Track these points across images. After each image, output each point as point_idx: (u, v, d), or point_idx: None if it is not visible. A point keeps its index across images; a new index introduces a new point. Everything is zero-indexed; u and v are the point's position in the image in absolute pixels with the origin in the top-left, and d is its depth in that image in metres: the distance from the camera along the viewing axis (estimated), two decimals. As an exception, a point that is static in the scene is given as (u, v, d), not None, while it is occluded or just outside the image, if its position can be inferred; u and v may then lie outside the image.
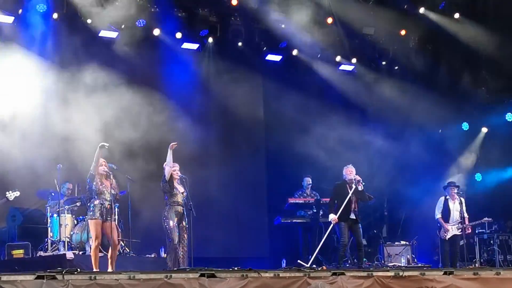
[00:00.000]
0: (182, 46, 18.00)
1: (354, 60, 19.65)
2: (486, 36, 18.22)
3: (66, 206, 14.93)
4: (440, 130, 20.28)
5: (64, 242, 14.20)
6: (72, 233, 14.61)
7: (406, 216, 19.95)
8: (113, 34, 17.07)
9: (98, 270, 11.69)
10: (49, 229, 14.59)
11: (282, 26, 18.37)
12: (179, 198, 12.85)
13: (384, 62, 19.93)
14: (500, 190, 19.11)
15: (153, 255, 15.16)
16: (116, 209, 13.90)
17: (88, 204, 12.60)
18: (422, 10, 18.82)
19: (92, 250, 12.21)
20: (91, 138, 15.93)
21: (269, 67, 19.23)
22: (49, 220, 14.65)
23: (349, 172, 14.68)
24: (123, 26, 16.99)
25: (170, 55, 18.06)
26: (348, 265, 16.13)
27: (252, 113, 19.14)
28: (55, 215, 14.64)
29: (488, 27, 18.24)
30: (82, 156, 15.08)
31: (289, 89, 19.05)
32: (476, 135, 20.11)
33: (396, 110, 19.65)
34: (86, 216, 12.78)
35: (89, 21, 16.49)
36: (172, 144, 12.86)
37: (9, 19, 16.02)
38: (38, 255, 14.22)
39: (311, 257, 14.63)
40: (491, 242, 18.00)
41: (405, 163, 19.59)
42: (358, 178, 14.50)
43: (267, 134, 19.56)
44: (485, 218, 16.81)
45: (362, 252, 14.60)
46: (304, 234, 17.25)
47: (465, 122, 20.17)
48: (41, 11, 16.13)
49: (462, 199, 16.19)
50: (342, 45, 19.19)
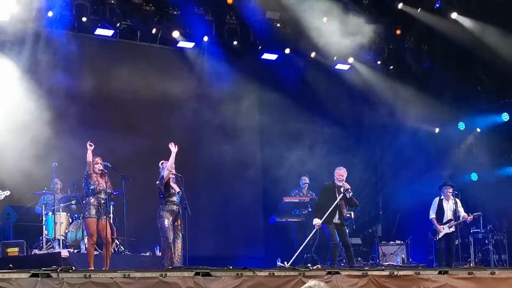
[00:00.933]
0: (177, 45, 17.98)
1: (350, 59, 19.63)
2: (481, 35, 18.22)
3: (61, 204, 14.91)
4: (437, 130, 20.28)
5: (59, 240, 14.19)
6: (67, 231, 14.59)
7: (401, 215, 19.96)
8: (108, 32, 17.04)
9: (93, 268, 11.68)
10: (44, 227, 14.57)
11: (278, 25, 18.38)
12: (174, 197, 12.83)
13: (379, 62, 19.92)
14: (496, 190, 19.11)
15: (148, 254, 15.15)
16: (111, 207, 13.89)
17: (83, 202, 12.62)
18: (418, 10, 18.83)
19: (88, 248, 12.22)
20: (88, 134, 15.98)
21: (264, 66, 19.22)
22: (44, 218, 14.63)
23: (339, 175, 14.46)
24: (119, 25, 16.98)
25: (165, 54, 18.06)
26: (343, 264, 16.14)
27: (247, 111, 19.13)
28: (50, 213, 14.62)
29: (483, 27, 18.26)
30: (75, 153, 15.12)
31: (284, 87, 19.04)
32: (472, 135, 20.11)
33: (391, 110, 19.67)
34: (82, 214, 12.80)
35: (84, 19, 16.46)
36: (173, 145, 12.79)
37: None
38: (33, 253, 14.20)
39: (292, 258, 14.57)
40: (486, 241, 18.03)
41: (400, 163, 19.61)
42: (347, 186, 14.34)
43: (263, 132, 19.55)
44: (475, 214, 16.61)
45: (351, 252, 14.50)
46: (299, 233, 17.24)
47: (461, 122, 20.17)
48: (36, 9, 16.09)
49: (457, 200, 16.14)
50: (338, 44, 19.18)
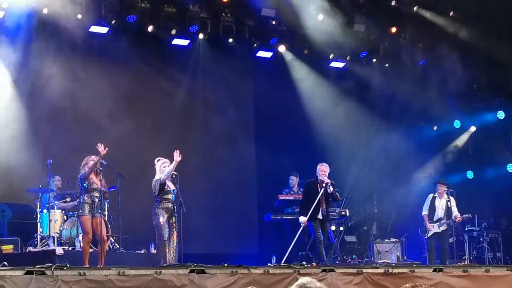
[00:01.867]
0: (172, 42, 17.97)
1: (345, 57, 19.63)
2: (478, 33, 18.24)
3: (56, 202, 14.90)
4: (435, 127, 20.28)
5: (53, 237, 14.18)
6: (61, 228, 14.58)
7: (396, 213, 19.99)
8: (103, 30, 17.01)
9: (88, 265, 11.67)
10: (38, 224, 14.55)
11: (273, 22, 18.38)
12: (170, 195, 12.83)
13: (374, 60, 19.92)
14: (491, 188, 19.15)
15: (143, 251, 15.16)
16: (106, 205, 13.89)
17: (77, 200, 12.63)
18: (413, 8, 18.83)
19: (83, 246, 12.22)
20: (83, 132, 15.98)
21: (260, 64, 19.21)
22: (38, 215, 14.61)
23: (322, 171, 14.62)
24: (114, 22, 16.95)
25: (160, 51, 18.05)
26: (337, 262, 16.17)
27: (242, 109, 19.14)
28: (45, 211, 14.60)
29: (480, 25, 18.27)
30: (72, 149, 15.11)
31: (279, 85, 19.04)
32: (467, 133, 20.15)
33: (387, 108, 19.68)
34: (76, 212, 12.81)
35: (79, 16, 16.43)
36: (178, 154, 12.74)
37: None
38: (27, 251, 14.18)
39: (285, 257, 14.58)
40: (481, 239, 18.06)
41: (396, 161, 19.62)
42: (327, 181, 14.47)
43: (257, 130, 19.56)
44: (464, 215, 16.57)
45: (322, 248, 14.51)
46: (293, 231, 17.25)
47: (456, 120, 20.20)
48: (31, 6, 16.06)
49: (451, 198, 16.13)
50: (333, 42, 19.19)
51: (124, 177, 14.39)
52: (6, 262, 10.86)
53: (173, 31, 17.63)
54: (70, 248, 14.09)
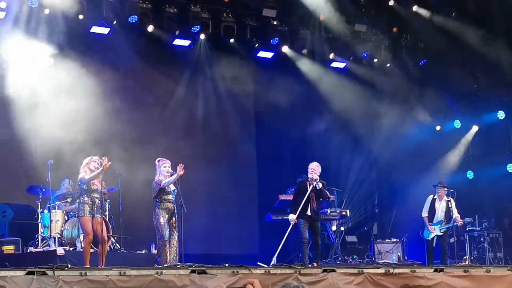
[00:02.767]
0: (174, 43, 17.97)
1: (347, 57, 19.64)
2: (478, 33, 18.23)
3: (57, 202, 14.90)
4: (438, 127, 20.23)
5: (54, 238, 14.18)
6: (62, 229, 14.59)
7: (397, 213, 19.99)
8: (104, 30, 17.03)
9: (89, 266, 11.68)
10: (39, 225, 14.56)
11: (274, 22, 18.38)
12: (170, 195, 12.84)
13: (375, 60, 19.92)
14: (491, 188, 19.14)
15: (143, 252, 15.17)
16: (107, 205, 13.89)
17: (77, 201, 12.63)
18: (414, 8, 18.84)
19: (84, 246, 12.23)
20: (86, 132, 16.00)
21: (260, 64, 19.21)
22: (39, 216, 14.62)
23: (311, 169, 14.54)
24: (115, 22, 16.96)
25: (161, 52, 18.05)
26: (338, 262, 16.17)
27: (243, 110, 19.14)
28: (46, 211, 14.61)
29: (480, 25, 18.27)
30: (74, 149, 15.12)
31: (280, 86, 19.04)
32: (468, 133, 20.13)
33: (387, 108, 19.68)
34: (76, 213, 12.81)
35: (80, 16, 16.44)
36: (182, 168, 12.72)
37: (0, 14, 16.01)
38: (28, 251, 14.19)
39: (274, 256, 14.54)
40: (482, 239, 18.05)
41: (396, 161, 19.62)
42: (316, 177, 14.36)
43: (258, 131, 19.57)
44: (466, 219, 16.62)
45: (318, 251, 14.45)
46: (294, 231, 17.24)
47: (457, 120, 20.19)
48: (33, 6, 16.09)
49: (452, 200, 16.11)
50: (334, 42, 19.20)
51: (122, 177, 14.41)
52: (7, 263, 10.90)
53: (174, 32, 17.64)
54: (71, 248, 14.09)
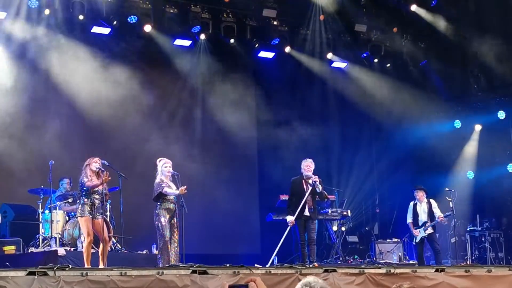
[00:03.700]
0: (174, 43, 17.98)
1: (347, 57, 19.64)
2: (478, 34, 18.24)
3: (58, 202, 14.89)
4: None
5: (55, 238, 14.17)
6: (63, 229, 14.57)
7: (398, 213, 19.98)
8: (105, 30, 17.04)
9: (90, 266, 11.67)
10: (40, 225, 14.55)
11: (275, 23, 18.38)
12: (171, 196, 12.82)
13: (376, 60, 19.92)
14: (491, 188, 19.14)
15: (144, 252, 15.16)
16: (108, 205, 13.87)
17: (77, 201, 12.61)
18: (414, 8, 18.84)
19: (84, 247, 12.21)
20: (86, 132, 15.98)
21: (261, 64, 19.22)
22: (40, 216, 14.61)
23: (306, 167, 14.11)
24: (115, 23, 16.96)
25: (162, 52, 18.05)
26: (339, 262, 16.16)
27: (244, 109, 19.14)
28: (47, 211, 14.60)
29: (480, 25, 18.27)
30: (76, 151, 15.11)
31: (281, 86, 19.05)
32: (468, 133, 20.12)
33: (388, 108, 19.68)
34: (77, 213, 12.80)
35: (81, 17, 16.45)
36: (184, 190, 12.71)
37: (1, 15, 16.01)
38: (29, 252, 14.17)
39: (273, 255, 14.48)
40: (483, 239, 18.05)
41: (397, 161, 19.62)
42: (316, 179, 13.95)
43: (259, 131, 19.56)
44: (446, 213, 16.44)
45: (314, 248, 14.08)
46: (295, 231, 17.23)
47: (457, 120, 20.19)
48: (33, 7, 16.09)
49: (432, 201, 16.10)
50: (334, 42, 19.20)
51: (125, 177, 14.39)
52: (8, 263, 10.90)
53: (174, 32, 17.64)
54: (72, 248, 14.08)
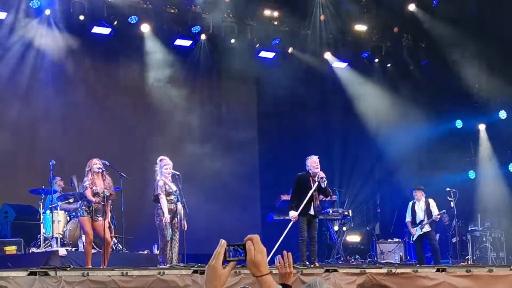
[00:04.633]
0: (175, 43, 17.98)
1: (348, 57, 19.64)
2: (479, 33, 18.24)
3: (59, 203, 14.89)
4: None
5: (56, 238, 14.16)
6: (65, 229, 14.56)
7: (399, 213, 19.97)
8: (106, 31, 17.05)
9: (90, 266, 11.68)
10: (41, 225, 14.54)
11: (275, 23, 18.39)
12: (172, 196, 12.81)
13: (376, 60, 19.92)
14: (493, 188, 19.13)
15: (145, 252, 15.15)
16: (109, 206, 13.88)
17: (79, 202, 12.62)
18: (414, 8, 18.84)
19: (85, 247, 12.22)
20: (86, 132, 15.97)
21: (262, 64, 19.22)
22: (41, 216, 14.60)
23: (314, 164, 13.85)
24: (116, 23, 16.97)
25: (163, 52, 18.06)
26: (340, 262, 16.15)
27: (245, 109, 19.14)
28: (48, 212, 14.59)
29: (481, 25, 18.27)
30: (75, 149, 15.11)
31: (282, 85, 19.04)
32: (469, 133, 20.13)
33: (389, 108, 19.68)
34: (77, 214, 12.81)
35: (81, 17, 16.46)
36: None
37: (2, 15, 16.02)
38: (30, 252, 14.16)
39: (271, 254, 14.39)
40: (484, 239, 18.03)
41: (398, 161, 19.61)
42: (322, 175, 13.69)
43: (260, 130, 19.56)
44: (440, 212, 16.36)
45: (315, 247, 13.83)
46: (296, 231, 17.22)
47: (458, 120, 20.19)
48: (34, 7, 16.12)
49: (430, 200, 16.10)
50: (335, 42, 19.20)
51: (126, 177, 14.39)
52: (9, 263, 10.90)
53: (175, 32, 17.65)
54: (73, 249, 14.07)
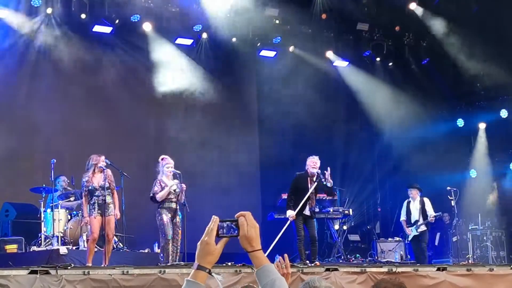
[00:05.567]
0: (176, 42, 17.98)
1: (349, 56, 19.64)
2: (480, 32, 18.23)
3: (60, 201, 14.89)
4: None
5: (57, 237, 14.17)
6: (65, 228, 14.56)
7: (399, 212, 19.95)
8: (107, 29, 17.05)
9: (91, 264, 11.69)
10: (42, 224, 14.55)
11: (276, 21, 18.38)
12: (173, 194, 12.82)
13: (378, 59, 19.92)
14: (494, 186, 19.13)
15: (146, 251, 15.15)
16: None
17: (81, 200, 12.64)
18: (416, 7, 18.84)
19: (88, 245, 12.22)
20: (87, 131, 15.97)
21: (263, 63, 19.22)
22: (42, 215, 14.61)
23: (313, 164, 13.79)
24: (117, 21, 16.97)
25: (164, 51, 18.05)
26: (341, 261, 16.16)
27: (246, 109, 19.14)
28: (49, 210, 14.60)
29: (482, 24, 18.27)
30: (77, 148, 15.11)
31: (283, 84, 19.05)
32: (470, 132, 20.12)
33: (390, 107, 19.68)
34: (83, 213, 12.78)
35: (83, 16, 16.47)
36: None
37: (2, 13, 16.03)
38: (31, 250, 14.17)
39: (267, 252, 14.35)
40: (484, 238, 18.03)
41: (398, 160, 19.62)
42: (328, 172, 13.58)
43: (261, 129, 19.56)
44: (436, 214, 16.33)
45: (316, 247, 13.81)
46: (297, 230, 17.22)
47: (460, 119, 20.19)
48: (36, 6, 16.12)
49: (425, 199, 16.00)
50: (336, 41, 19.20)
51: (128, 176, 14.40)
52: (10, 262, 10.91)
53: (177, 31, 17.65)
54: (74, 247, 14.07)
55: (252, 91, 19.42)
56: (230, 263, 10.49)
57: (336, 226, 17.63)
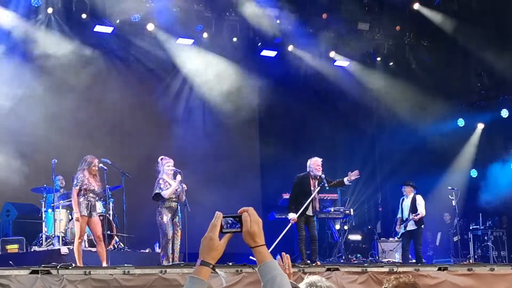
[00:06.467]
0: (177, 42, 17.97)
1: (350, 56, 19.64)
2: (481, 32, 18.23)
3: (61, 201, 14.89)
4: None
5: (58, 237, 14.17)
6: (66, 228, 14.56)
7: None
8: (108, 29, 17.05)
9: (82, 265, 11.60)
10: (43, 224, 14.55)
11: (277, 21, 18.37)
12: (173, 194, 12.81)
13: (379, 58, 19.92)
14: (494, 187, 19.12)
15: (147, 250, 15.16)
16: (111, 204, 13.87)
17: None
18: (417, 6, 18.84)
19: (75, 247, 12.11)
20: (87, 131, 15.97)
21: (264, 63, 19.21)
22: (43, 215, 14.62)
23: (317, 166, 13.76)
24: (118, 21, 16.97)
25: (165, 51, 18.05)
26: (342, 260, 16.15)
27: (246, 108, 19.14)
28: (50, 210, 14.60)
29: (483, 23, 18.27)
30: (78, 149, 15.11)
31: (284, 84, 19.04)
32: (471, 131, 20.12)
33: (391, 106, 19.67)
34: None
35: (83, 16, 16.47)
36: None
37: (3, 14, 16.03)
38: (32, 250, 14.18)
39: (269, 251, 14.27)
40: (485, 238, 18.04)
41: (399, 160, 19.61)
42: (357, 174, 13.80)
43: (262, 129, 19.56)
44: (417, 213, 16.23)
45: (316, 246, 13.80)
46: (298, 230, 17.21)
47: (460, 118, 20.19)
48: (36, 6, 16.13)
49: (417, 196, 15.67)
50: (337, 40, 19.19)
51: (128, 176, 14.40)
52: (11, 262, 10.90)
53: (177, 31, 17.65)
54: (75, 247, 14.08)
55: (253, 91, 19.41)
56: (231, 263, 10.49)
57: (337, 226, 17.63)
